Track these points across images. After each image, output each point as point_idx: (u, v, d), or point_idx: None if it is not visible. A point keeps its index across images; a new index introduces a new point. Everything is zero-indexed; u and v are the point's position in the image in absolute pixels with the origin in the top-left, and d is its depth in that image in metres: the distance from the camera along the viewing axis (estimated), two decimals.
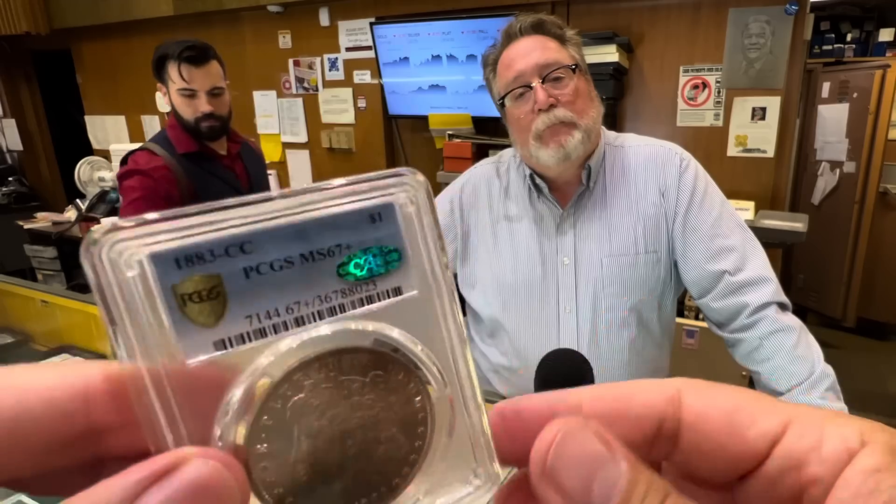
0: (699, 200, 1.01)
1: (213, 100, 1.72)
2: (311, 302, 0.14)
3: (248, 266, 0.14)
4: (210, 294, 0.13)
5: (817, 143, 3.98)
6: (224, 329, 0.13)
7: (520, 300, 1.05)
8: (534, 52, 0.98)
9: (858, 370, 3.54)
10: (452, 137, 3.16)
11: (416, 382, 0.16)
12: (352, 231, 0.15)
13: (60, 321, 1.84)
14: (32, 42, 4.65)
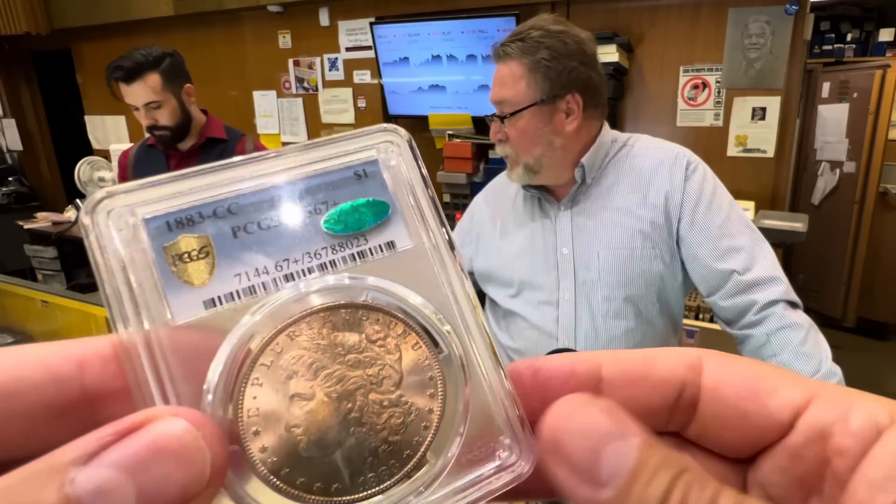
0: (707, 202, 1.03)
1: (153, 112, 1.77)
2: (300, 259, 0.14)
3: (236, 226, 0.14)
4: (200, 253, 0.13)
5: (817, 143, 3.99)
6: (214, 288, 0.13)
7: (525, 289, 1.12)
8: (495, 85, 1.07)
9: (858, 370, 3.53)
10: (452, 137, 3.16)
11: (421, 340, 0.14)
12: (337, 188, 0.14)
13: (60, 321, 1.84)
14: (33, 42, 4.65)
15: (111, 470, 0.11)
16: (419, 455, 0.14)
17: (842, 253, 3.89)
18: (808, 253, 4.03)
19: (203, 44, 4.11)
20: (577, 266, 1.06)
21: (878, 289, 3.88)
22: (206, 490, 0.12)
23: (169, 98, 1.78)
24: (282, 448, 0.13)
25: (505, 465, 0.14)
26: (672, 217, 1.04)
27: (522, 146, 1.05)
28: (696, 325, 2.42)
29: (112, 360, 0.14)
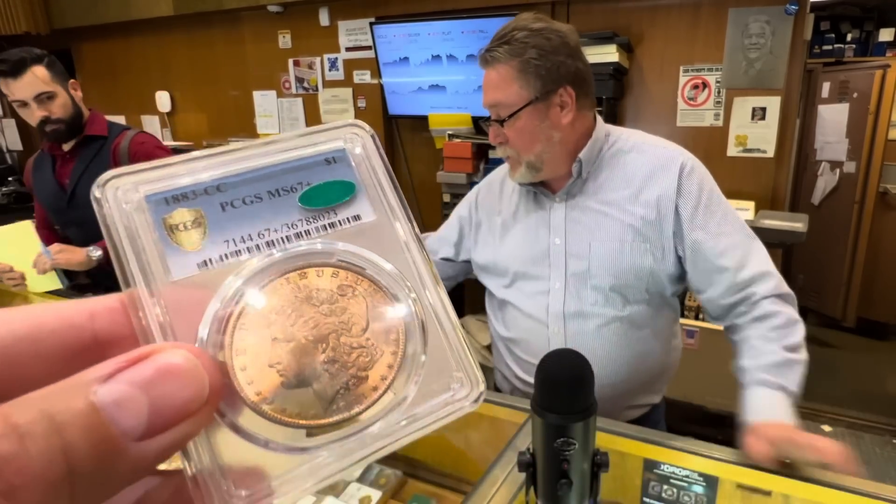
0: (705, 203, 1.06)
1: (46, 104, 1.76)
2: (279, 228, 0.17)
3: (224, 201, 0.16)
4: (193, 223, 0.16)
5: (817, 143, 3.99)
6: (205, 251, 0.16)
7: (519, 279, 1.17)
8: (488, 90, 1.08)
9: (858, 370, 3.54)
10: (452, 137, 3.16)
11: (383, 295, 0.17)
12: (310, 171, 0.17)
13: None
14: (32, 42, 4.66)
15: (127, 385, 0.14)
16: (384, 388, 0.16)
17: (842, 253, 3.89)
18: (807, 253, 4.03)
19: (203, 44, 4.11)
20: (568, 256, 1.11)
21: (877, 289, 3.89)
22: (205, 406, 0.14)
23: (59, 89, 1.79)
24: (265, 382, 0.15)
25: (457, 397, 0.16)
26: (666, 216, 1.06)
27: (523, 145, 1.08)
28: (697, 325, 2.42)
29: (120, 312, 0.16)
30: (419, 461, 1.15)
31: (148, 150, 1.90)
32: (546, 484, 0.63)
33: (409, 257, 0.17)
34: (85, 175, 1.88)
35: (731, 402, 2.43)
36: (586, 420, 0.60)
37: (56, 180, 1.90)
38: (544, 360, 0.64)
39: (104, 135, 1.90)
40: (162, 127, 4.53)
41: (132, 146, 1.88)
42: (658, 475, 0.92)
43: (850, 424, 2.98)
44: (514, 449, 0.89)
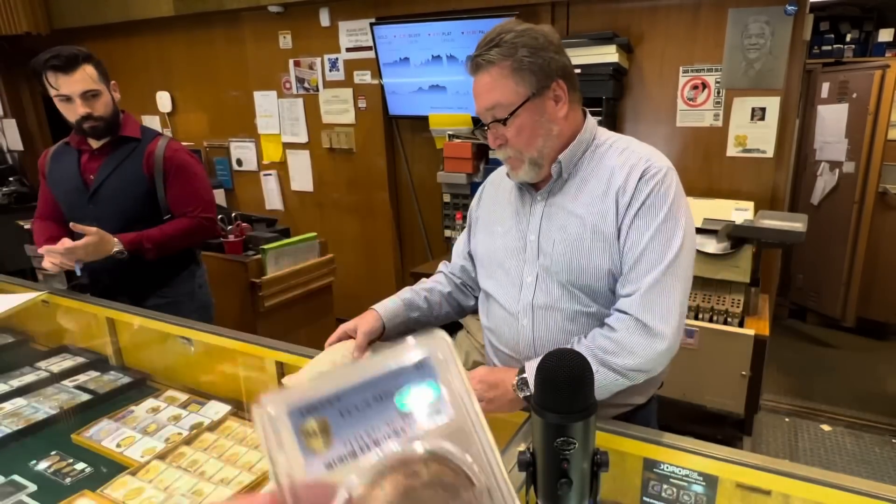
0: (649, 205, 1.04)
1: (91, 102, 1.81)
2: (381, 427, 0.21)
3: (343, 409, 0.20)
4: (321, 431, 0.20)
5: (817, 143, 3.99)
6: (330, 454, 0.20)
7: (498, 270, 1.22)
8: (482, 94, 1.10)
9: (857, 370, 3.54)
10: (452, 137, 3.16)
11: (464, 478, 0.21)
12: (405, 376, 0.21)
13: (61, 321, 1.84)
14: (33, 42, 4.66)
15: None
16: None
17: (841, 253, 3.89)
18: (807, 253, 4.04)
19: (203, 44, 4.11)
20: (540, 252, 1.14)
21: (877, 289, 3.89)
22: None
23: (104, 89, 1.84)
24: None
25: None
26: (620, 215, 1.07)
27: (525, 142, 1.10)
28: (696, 324, 2.42)
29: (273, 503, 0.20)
30: None
31: (182, 158, 1.95)
32: (546, 483, 0.64)
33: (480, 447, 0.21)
34: (113, 175, 1.90)
35: (730, 402, 2.44)
36: (586, 420, 0.61)
37: (80, 175, 1.92)
38: (544, 360, 0.64)
39: (137, 137, 1.93)
40: (162, 127, 4.53)
41: (167, 153, 1.92)
42: (658, 474, 0.92)
43: (850, 424, 2.98)
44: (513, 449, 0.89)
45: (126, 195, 1.92)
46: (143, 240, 1.85)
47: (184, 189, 1.95)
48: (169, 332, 1.52)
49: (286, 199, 4.19)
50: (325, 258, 2.81)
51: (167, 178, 1.92)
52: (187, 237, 1.96)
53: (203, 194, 2.00)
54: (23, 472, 1.18)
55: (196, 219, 1.96)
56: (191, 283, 2.09)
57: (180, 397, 1.46)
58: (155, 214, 1.95)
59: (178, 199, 1.95)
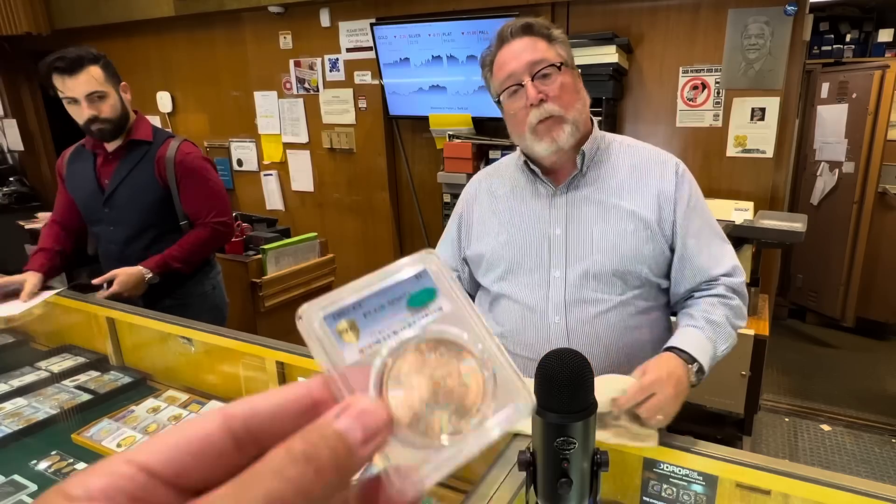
0: (692, 205, 1.16)
1: (97, 104, 1.80)
2: (398, 323, 0.27)
3: (365, 312, 0.27)
4: (351, 328, 0.26)
5: (816, 143, 3.99)
6: (361, 343, 0.26)
7: (515, 270, 1.18)
8: (524, 52, 1.09)
9: (857, 370, 3.55)
10: (453, 138, 3.17)
11: (466, 354, 0.27)
12: (409, 285, 0.28)
13: (61, 321, 1.84)
14: (33, 42, 4.66)
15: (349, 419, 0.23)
16: (475, 410, 0.26)
17: (841, 253, 3.89)
18: (807, 253, 4.04)
19: (204, 44, 4.11)
20: (569, 245, 1.14)
21: (876, 288, 3.89)
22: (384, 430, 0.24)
23: (111, 90, 1.82)
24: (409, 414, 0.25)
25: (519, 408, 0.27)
26: (665, 213, 1.14)
27: (567, 101, 1.10)
28: None
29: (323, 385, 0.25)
30: None
31: (192, 163, 1.93)
32: (546, 483, 0.64)
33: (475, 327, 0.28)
34: (127, 179, 1.90)
35: (730, 402, 2.44)
36: (586, 419, 0.61)
37: (96, 178, 1.92)
38: (544, 360, 0.64)
39: (149, 140, 1.92)
40: (163, 127, 4.53)
41: (178, 157, 1.90)
42: (658, 474, 0.92)
43: (849, 424, 2.98)
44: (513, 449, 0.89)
45: (140, 201, 1.91)
46: (169, 261, 1.87)
47: (197, 195, 1.95)
48: (169, 331, 1.52)
49: (287, 199, 4.20)
50: (325, 258, 2.81)
51: (179, 183, 1.92)
52: (207, 246, 1.97)
53: (215, 199, 1.99)
54: (23, 472, 1.18)
55: (210, 226, 1.96)
56: (203, 285, 2.09)
57: (180, 397, 1.46)
58: (171, 220, 1.94)
59: (192, 206, 1.95)
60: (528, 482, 0.66)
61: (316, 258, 2.77)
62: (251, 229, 2.78)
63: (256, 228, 2.85)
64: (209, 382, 1.49)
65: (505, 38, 1.12)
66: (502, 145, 2.98)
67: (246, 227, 2.74)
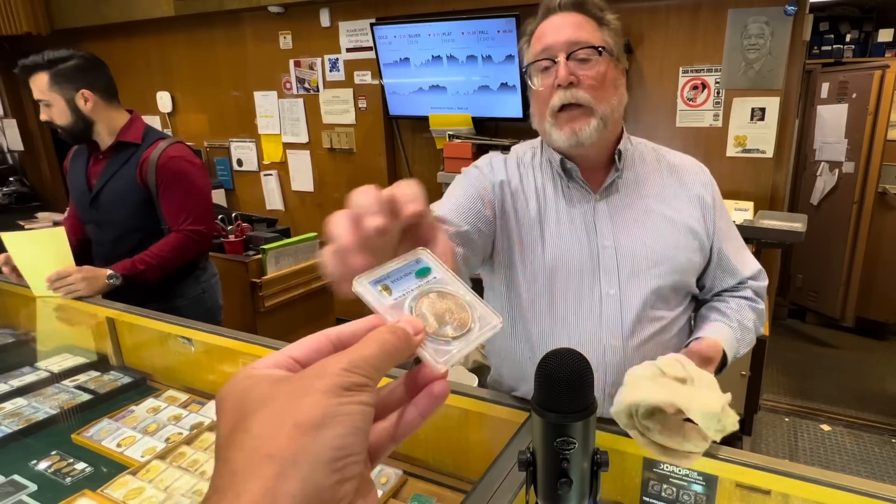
0: (720, 211, 1.13)
1: (45, 110, 1.82)
2: (413, 285, 0.42)
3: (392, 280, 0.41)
4: (386, 289, 0.40)
5: (816, 143, 3.99)
6: (393, 297, 0.40)
7: (561, 286, 1.04)
8: (566, 28, 0.98)
9: (857, 370, 3.55)
10: (453, 138, 3.17)
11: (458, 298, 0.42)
12: (411, 266, 0.43)
13: (61, 321, 1.84)
14: (33, 42, 4.66)
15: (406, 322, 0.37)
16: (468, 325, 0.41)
17: (841, 253, 3.89)
18: (807, 253, 4.04)
19: (204, 44, 4.12)
20: (621, 259, 1.01)
21: (876, 288, 3.89)
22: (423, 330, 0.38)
23: (56, 99, 1.81)
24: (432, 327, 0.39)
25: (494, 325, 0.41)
26: (707, 219, 1.09)
27: (599, 92, 0.97)
28: None
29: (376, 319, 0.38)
30: (419, 461, 1.16)
31: (174, 166, 1.89)
32: (546, 483, 0.64)
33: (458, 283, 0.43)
34: (111, 181, 1.89)
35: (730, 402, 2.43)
36: (586, 419, 0.61)
37: (86, 178, 1.93)
38: (544, 360, 0.64)
39: (137, 142, 1.91)
40: (163, 127, 4.53)
41: (160, 160, 1.88)
42: (658, 474, 0.92)
43: (849, 424, 2.98)
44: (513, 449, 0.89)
45: (122, 203, 1.89)
46: (136, 263, 1.83)
47: (174, 200, 1.90)
48: (169, 331, 1.52)
49: (286, 199, 4.20)
50: None
51: (160, 188, 1.88)
52: (177, 253, 1.91)
53: (193, 206, 1.93)
54: (23, 471, 1.18)
55: (183, 233, 1.91)
56: (195, 288, 2.07)
57: (181, 397, 1.46)
58: (154, 225, 1.92)
59: (169, 210, 1.90)
60: (527, 482, 0.66)
61: (316, 258, 2.77)
62: (251, 229, 2.78)
63: (256, 228, 2.85)
64: (209, 382, 1.49)
65: (552, 9, 1.00)
66: (502, 145, 2.98)
67: (246, 226, 2.74)
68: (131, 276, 1.83)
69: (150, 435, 1.30)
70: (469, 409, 1.07)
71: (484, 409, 1.05)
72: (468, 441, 1.10)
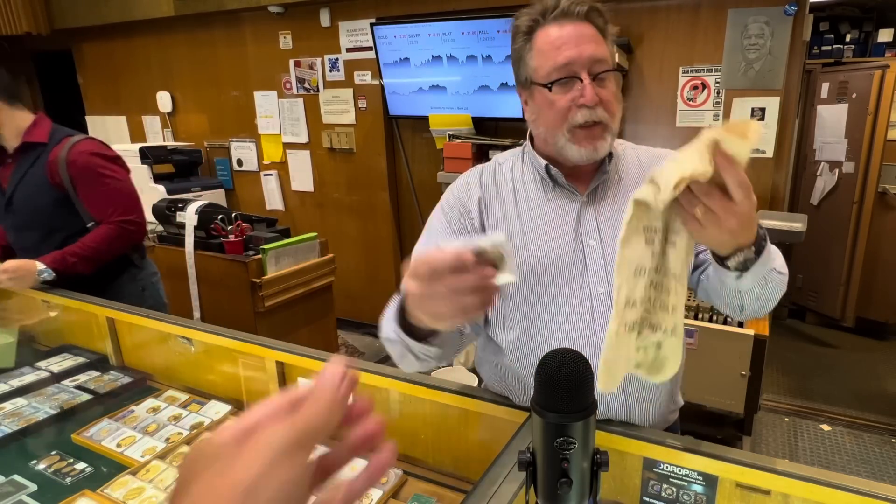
0: None
1: None
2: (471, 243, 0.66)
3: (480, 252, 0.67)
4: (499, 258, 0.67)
5: (816, 143, 3.99)
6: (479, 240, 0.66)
7: (550, 286, 1.03)
8: (586, 42, 0.96)
9: (857, 370, 3.55)
10: (452, 138, 3.16)
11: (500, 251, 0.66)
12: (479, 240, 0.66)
13: (61, 321, 1.84)
14: (33, 42, 4.66)
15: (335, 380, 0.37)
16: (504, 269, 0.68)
17: (841, 253, 3.89)
18: (806, 253, 4.04)
19: (204, 44, 4.12)
20: (607, 258, 1.02)
21: (876, 288, 3.89)
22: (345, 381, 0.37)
23: None
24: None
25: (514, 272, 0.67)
26: None
27: (613, 110, 0.99)
28: (696, 324, 2.43)
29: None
30: (419, 461, 1.16)
31: (86, 162, 1.85)
32: (546, 483, 0.64)
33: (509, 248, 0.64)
34: (22, 183, 1.85)
35: (730, 402, 2.44)
36: (586, 419, 0.61)
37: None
38: (544, 360, 0.64)
39: (43, 142, 1.87)
40: (163, 127, 4.53)
41: (69, 157, 1.83)
42: (657, 474, 0.92)
43: (849, 424, 2.98)
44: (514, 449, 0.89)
45: (37, 204, 1.86)
46: (66, 256, 1.80)
47: (95, 195, 1.86)
48: (169, 331, 1.52)
49: (287, 199, 4.20)
50: (325, 258, 2.81)
51: (75, 184, 1.84)
52: (112, 244, 1.88)
53: (117, 197, 1.89)
54: (23, 471, 1.18)
55: (115, 224, 1.87)
56: (132, 287, 2.02)
57: (180, 397, 1.46)
58: (76, 224, 1.88)
59: (94, 206, 1.87)
60: (527, 482, 0.66)
61: (316, 258, 2.77)
62: (251, 229, 2.78)
63: (256, 228, 2.84)
64: (209, 382, 1.49)
65: (566, 14, 0.97)
66: (502, 145, 2.98)
67: (246, 226, 2.74)
68: (62, 270, 1.79)
69: (150, 435, 1.30)
70: (469, 409, 1.07)
71: (484, 409, 1.05)
72: (468, 441, 1.10)
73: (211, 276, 2.62)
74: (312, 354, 1.26)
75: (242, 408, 1.39)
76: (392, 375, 1.13)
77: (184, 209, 2.68)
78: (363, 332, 4.03)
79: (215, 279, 2.60)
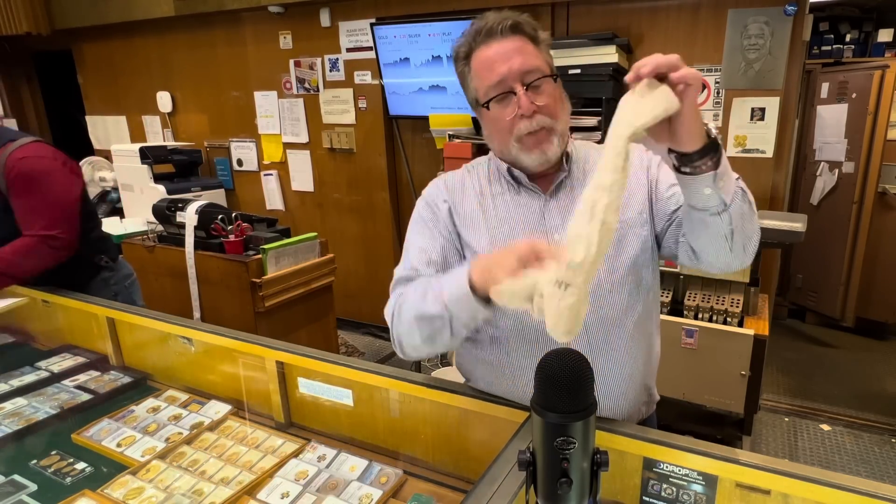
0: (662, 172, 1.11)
1: None
2: None
3: None
4: None
5: (816, 143, 3.99)
6: None
7: None
8: (515, 56, 1.01)
9: (857, 370, 3.55)
10: (453, 138, 3.17)
11: None
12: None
13: (61, 321, 1.84)
14: (33, 42, 4.66)
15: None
16: None
17: (840, 253, 3.89)
18: (806, 253, 4.04)
19: (204, 44, 4.12)
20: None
21: (876, 288, 3.89)
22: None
23: None
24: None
25: None
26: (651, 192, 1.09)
27: (556, 112, 1.03)
28: (696, 324, 2.43)
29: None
30: (419, 461, 1.16)
31: (25, 167, 1.75)
32: (546, 483, 0.64)
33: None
34: None
35: (730, 402, 2.44)
36: (586, 419, 0.61)
37: None
38: (544, 360, 0.64)
39: None
40: (163, 127, 4.53)
41: (8, 163, 1.74)
42: (657, 474, 0.92)
43: (849, 424, 2.98)
44: (513, 448, 0.89)
45: None
46: None
47: (24, 203, 1.75)
48: (169, 331, 1.52)
49: (287, 199, 4.20)
50: (325, 258, 2.81)
51: (10, 191, 1.75)
52: (32, 258, 1.75)
53: (45, 210, 1.76)
54: (23, 471, 1.18)
55: (36, 238, 1.75)
56: (105, 292, 1.96)
57: (180, 397, 1.46)
58: (16, 233, 1.78)
59: (19, 214, 1.76)
60: (527, 482, 0.66)
61: (316, 258, 2.77)
62: (251, 229, 2.78)
63: (256, 228, 2.84)
64: (209, 382, 1.49)
65: (492, 34, 1.03)
66: None
67: (246, 226, 2.74)
68: None
69: (150, 435, 1.30)
70: (469, 409, 1.07)
71: (484, 409, 1.05)
72: (468, 441, 1.10)
73: (211, 276, 2.62)
74: (312, 354, 1.26)
75: (242, 407, 1.39)
76: (392, 375, 1.13)
77: (184, 209, 2.68)
78: (363, 332, 4.03)
79: (215, 279, 2.60)
